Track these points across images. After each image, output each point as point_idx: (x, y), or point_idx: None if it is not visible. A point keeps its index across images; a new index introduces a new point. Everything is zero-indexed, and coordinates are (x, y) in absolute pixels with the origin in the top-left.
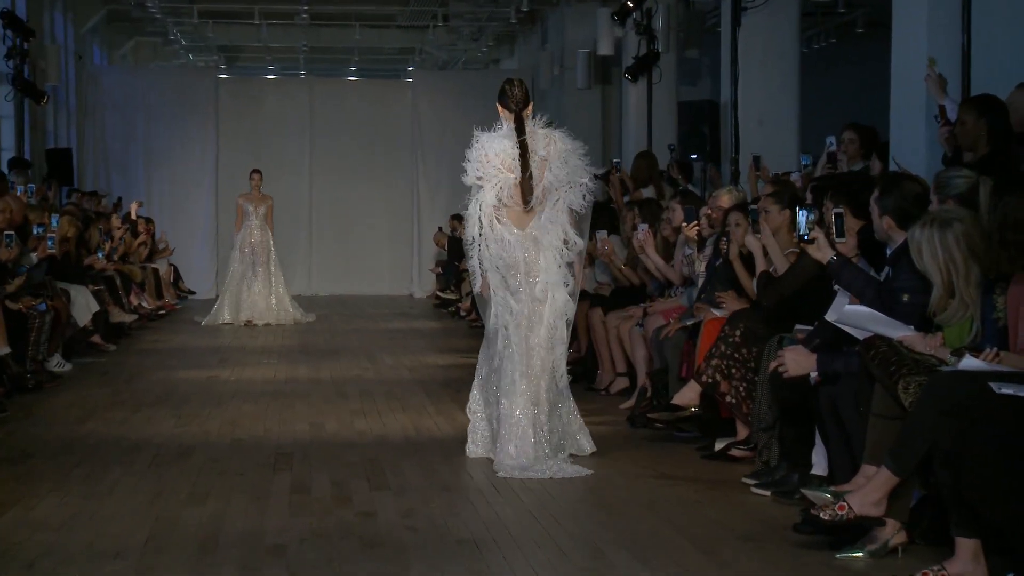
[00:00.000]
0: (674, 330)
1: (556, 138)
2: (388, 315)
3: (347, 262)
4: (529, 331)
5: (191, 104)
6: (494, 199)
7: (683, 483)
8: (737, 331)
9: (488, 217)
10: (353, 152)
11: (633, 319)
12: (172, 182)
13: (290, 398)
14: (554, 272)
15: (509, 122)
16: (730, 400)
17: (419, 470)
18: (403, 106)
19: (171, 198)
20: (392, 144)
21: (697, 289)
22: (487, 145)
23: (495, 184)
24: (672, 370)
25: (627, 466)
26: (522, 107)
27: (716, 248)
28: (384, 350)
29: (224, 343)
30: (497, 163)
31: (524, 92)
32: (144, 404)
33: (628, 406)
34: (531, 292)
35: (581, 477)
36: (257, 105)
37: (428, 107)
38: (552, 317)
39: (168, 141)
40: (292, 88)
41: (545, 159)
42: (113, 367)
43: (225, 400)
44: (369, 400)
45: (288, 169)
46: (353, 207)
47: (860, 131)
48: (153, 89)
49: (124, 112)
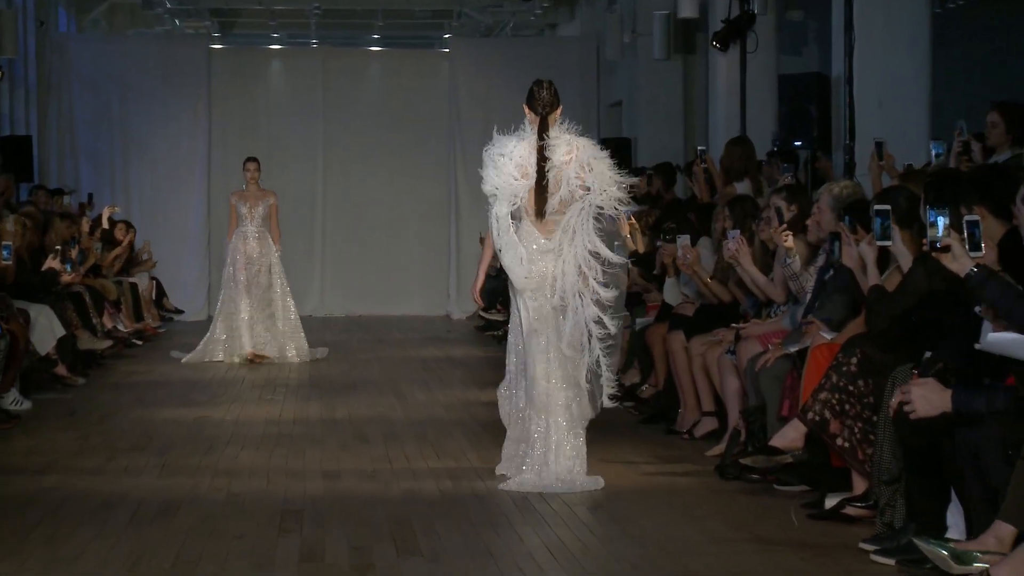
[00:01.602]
0: (774, 358)
1: (580, 145)
2: (419, 340)
3: (368, 275)
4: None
5: (178, 80)
6: (508, 211)
7: (786, 549)
8: (853, 359)
9: (505, 228)
10: (376, 139)
11: (723, 345)
12: (154, 176)
13: (299, 443)
14: (576, 283)
15: (533, 126)
16: (843, 444)
17: (457, 532)
18: (437, 82)
19: (153, 196)
20: (424, 129)
21: (803, 308)
22: (503, 149)
23: (509, 195)
24: (771, 407)
25: (716, 527)
26: (549, 111)
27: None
28: (414, 383)
29: (217, 376)
30: (512, 169)
31: (553, 95)
32: (120, 450)
33: (717, 453)
34: (550, 303)
35: (660, 543)
36: (258, 81)
37: (468, 83)
38: (576, 329)
39: (149, 126)
40: (301, 60)
41: (565, 166)
42: (82, 404)
43: (219, 445)
44: (396, 446)
45: (296, 160)
46: (376, 207)
47: (1007, 111)
48: (131, 62)
49: (96, 90)
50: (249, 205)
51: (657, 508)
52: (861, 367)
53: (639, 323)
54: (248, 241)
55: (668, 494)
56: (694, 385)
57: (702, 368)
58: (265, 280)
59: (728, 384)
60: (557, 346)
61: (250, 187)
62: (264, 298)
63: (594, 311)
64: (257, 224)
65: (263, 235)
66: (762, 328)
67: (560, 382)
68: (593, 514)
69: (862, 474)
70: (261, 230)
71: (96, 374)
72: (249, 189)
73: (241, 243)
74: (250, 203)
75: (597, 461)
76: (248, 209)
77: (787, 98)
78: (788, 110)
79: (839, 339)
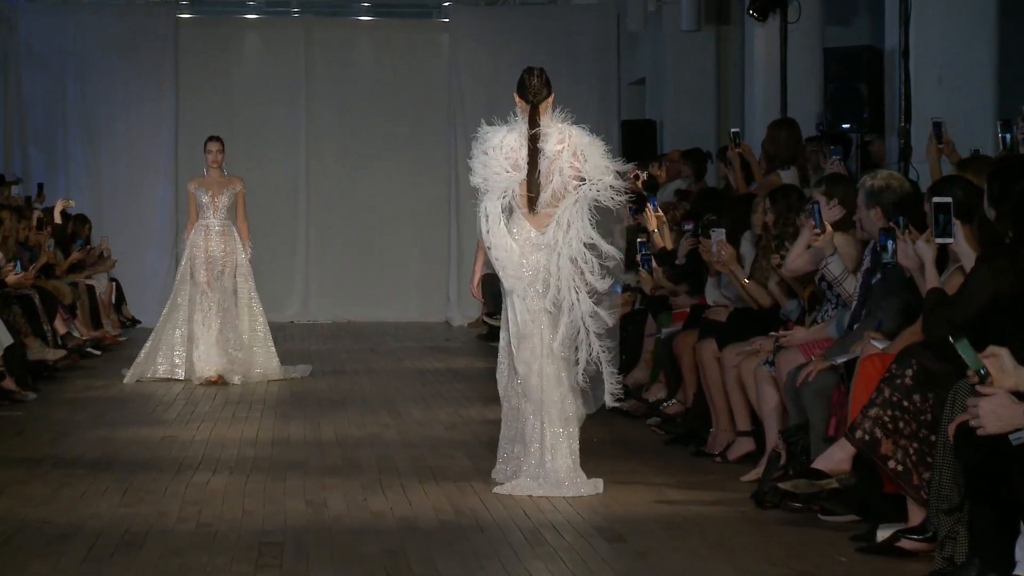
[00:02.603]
0: (818, 370)
1: (573, 133)
2: (416, 350)
3: (357, 276)
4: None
5: (141, 54)
6: (498, 204)
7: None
8: (908, 371)
9: (495, 221)
10: (366, 123)
11: (760, 355)
12: (114, 164)
13: (279, 467)
14: (572, 278)
15: (524, 114)
16: (896, 467)
17: (460, 567)
18: (435, 56)
19: (112, 187)
20: (421, 112)
21: (850, 313)
22: (492, 141)
23: (500, 188)
24: (815, 426)
25: (753, 563)
26: (539, 99)
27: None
28: (411, 399)
29: (185, 391)
30: (502, 160)
31: (543, 83)
32: (76, 475)
33: (753, 478)
34: (543, 299)
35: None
36: (232, 56)
37: (471, 59)
38: (571, 327)
39: (109, 106)
40: (281, 31)
41: (557, 156)
42: (32, 423)
43: (187, 469)
44: (390, 469)
45: (276, 147)
46: (366, 199)
47: None
48: (87, 34)
49: (47, 66)
50: (211, 194)
51: (685, 541)
52: (917, 380)
53: (665, 331)
54: (210, 236)
55: (697, 525)
56: (727, 401)
57: (736, 381)
58: (229, 283)
59: (766, 400)
60: (549, 345)
61: (212, 172)
62: (226, 305)
63: (589, 305)
64: (221, 216)
65: (228, 229)
66: (805, 336)
67: (553, 381)
68: (612, 547)
69: (918, 502)
70: (225, 223)
71: (48, 388)
72: (211, 175)
73: (202, 238)
74: (212, 191)
75: (615, 484)
76: (210, 198)
77: (834, 75)
78: (835, 88)
79: (892, 349)
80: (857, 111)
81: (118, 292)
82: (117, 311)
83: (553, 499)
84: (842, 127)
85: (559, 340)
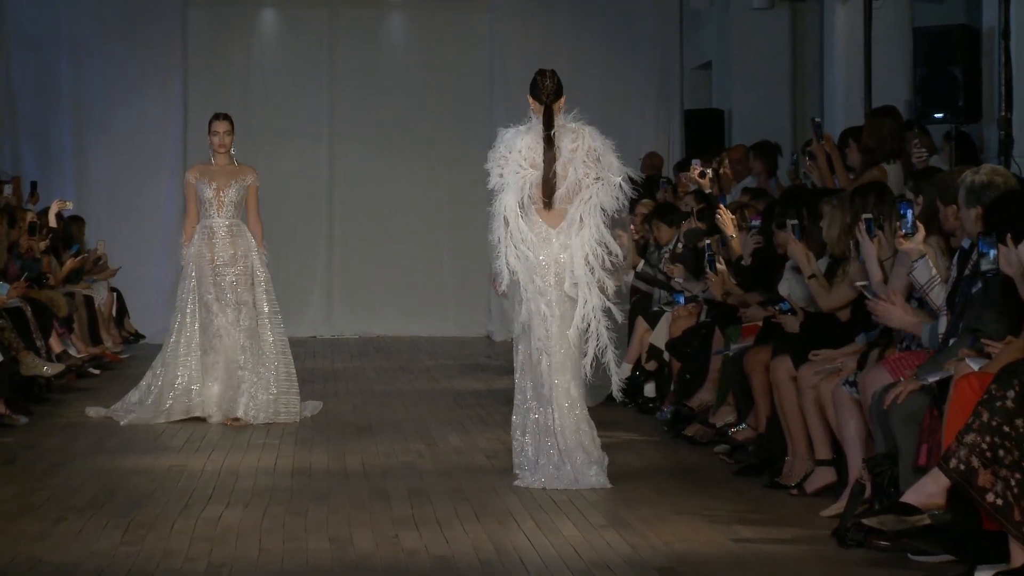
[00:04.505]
0: (908, 392)
1: (586, 134)
2: (453, 368)
3: (387, 285)
4: (560, 335)
5: (145, 40)
6: (516, 200)
7: None
8: (1010, 392)
9: (513, 216)
10: (396, 111)
11: (842, 373)
12: (115, 159)
13: (300, 500)
14: (585, 274)
15: (538, 115)
16: (995, 501)
17: None
18: (475, 39)
19: (114, 184)
20: (458, 98)
21: (942, 326)
22: (510, 143)
23: (518, 183)
24: (905, 454)
25: None
26: (552, 100)
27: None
28: (448, 424)
29: None
30: (520, 159)
31: (556, 84)
32: (72, 509)
33: (835, 513)
34: (560, 293)
35: None
36: (247, 40)
37: (515, 41)
38: (582, 319)
39: (109, 97)
40: (302, 10)
41: (572, 156)
42: (24, 451)
43: (197, 503)
44: (424, 503)
45: (296, 142)
46: (398, 197)
47: None
48: (85, 16)
49: (41, 53)
50: (216, 186)
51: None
52: (1020, 402)
53: (734, 347)
54: (216, 240)
55: (771, 566)
56: (804, 426)
57: (815, 404)
58: (245, 295)
59: (848, 424)
60: (559, 336)
61: (218, 158)
62: (243, 325)
63: (601, 300)
64: (228, 214)
65: (238, 230)
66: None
67: (560, 369)
68: None
69: (1021, 540)
70: (234, 222)
71: (42, 411)
72: (217, 162)
73: (205, 243)
74: (218, 183)
75: (677, 518)
76: (215, 192)
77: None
78: (925, 73)
79: (991, 367)
80: (951, 99)
81: (119, 303)
82: (118, 325)
83: (608, 536)
84: (934, 116)
85: (573, 333)
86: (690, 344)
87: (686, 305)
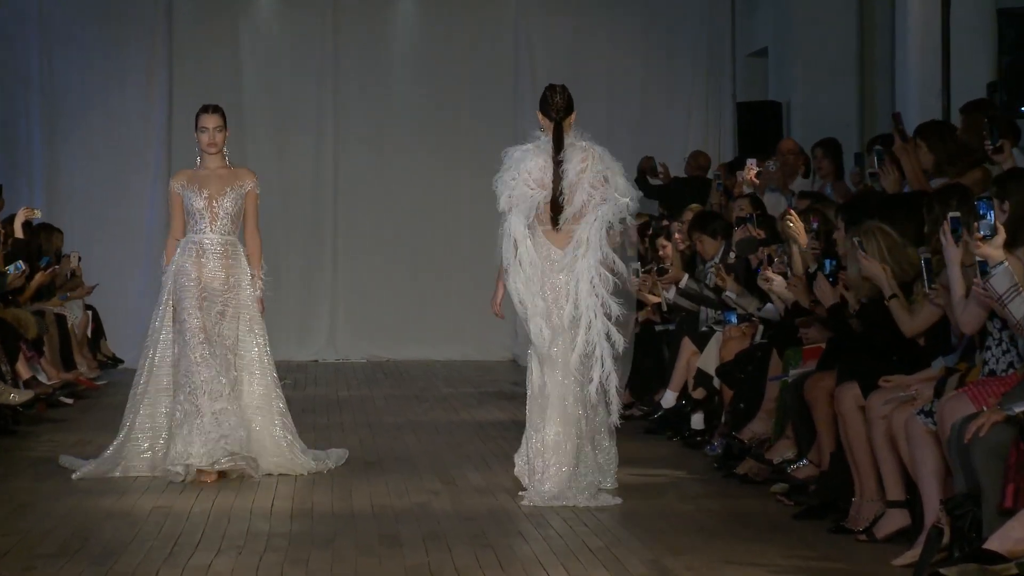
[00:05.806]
0: (991, 423)
1: (595, 154)
2: (473, 396)
3: (399, 304)
4: (563, 358)
5: (124, 30)
6: (525, 222)
7: None
8: None
9: (521, 239)
10: (408, 109)
11: (916, 402)
12: (90, 160)
13: (300, 546)
14: (589, 297)
15: (547, 132)
16: None
17: None
18: (499, 25)
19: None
20: (479, 92)
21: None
22: (519, 164)
23: (526, 204)
24: (989, 495)
25: None
26: (563, 116)
27: None
28: (467, 460)
29: None
30: (528, 179)
31: (567, 100)
32: (42, 556)
33: (909, 561)
34: (563, 317)
35: None
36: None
37: (543, 28)
38: (586, 344)
39: (85, 95)
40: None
41: (580, 177)
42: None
43: (183, 550)
44: (440, 548)
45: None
46: (410, 203)
47: None
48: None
49: (11, 45)
50: (208, 194)
51: None
52: None
53: (793, 373)
54: (205, 258)
55: None
56: (874, 462)
57: (886, 437)
58: (231, 331)
59: (923, 460)
60: (565, 361)
61: (209, 161)
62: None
63: (606, 324)
64: (224, 228)
65: (233, 250)
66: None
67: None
68: None
69: None
70: (230, 240)
71: (8, 444)
72: (207, 164)
73: (191, 261)
74: (210, 191)
75: (725, 563)
76: (206, 202)
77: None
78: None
79: None
80: None
81: (95, 324)
82: (94, 348)
83: None
84: (1021, 109)
85: (576, 357)
86: (743, 369)
87: (739, 325)
